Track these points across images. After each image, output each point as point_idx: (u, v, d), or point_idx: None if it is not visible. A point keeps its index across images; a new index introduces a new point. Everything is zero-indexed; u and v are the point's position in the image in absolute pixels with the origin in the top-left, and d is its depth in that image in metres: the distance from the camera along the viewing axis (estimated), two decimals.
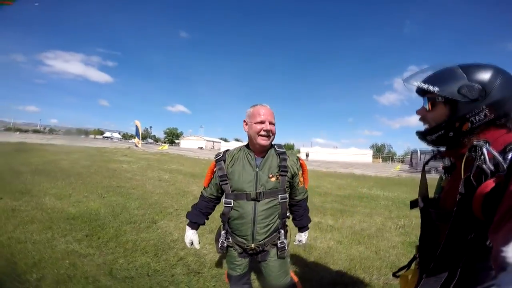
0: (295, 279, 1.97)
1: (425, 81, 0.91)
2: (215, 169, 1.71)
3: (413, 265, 1.24)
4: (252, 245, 1.64)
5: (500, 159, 0.69)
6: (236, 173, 1.62)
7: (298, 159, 1.76)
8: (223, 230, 1.73)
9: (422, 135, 0.98)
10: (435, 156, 1.07)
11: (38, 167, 9.24)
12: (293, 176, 1.69)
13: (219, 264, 2.89)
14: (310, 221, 1.93)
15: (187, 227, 1.82)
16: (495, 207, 0.61)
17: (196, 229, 1.82)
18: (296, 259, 3.11)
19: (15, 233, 3.20)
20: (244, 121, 1.66)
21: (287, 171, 1.63)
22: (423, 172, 1.14)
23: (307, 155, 39.43)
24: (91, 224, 3.83)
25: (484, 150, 0.73)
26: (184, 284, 2.46)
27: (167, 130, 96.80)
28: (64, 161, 11.78)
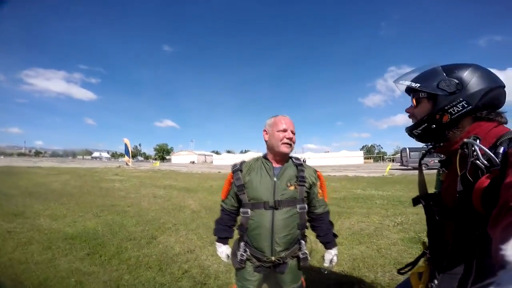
0: (303, 281, 1.95)
1: (410, 81, 0.98)
2: (232, 180, 1.67)
3: (421, 261, 1.24)
4: (272, 258, 1.57)
5: (492, 154, 0.71)
6: (253, 182, 1.59)
7: (315, 171, 1.74)
8: (242, 241, 1.65)
9: (409, 130, 1.02)
10: (428, 152, 1.10)
11: (28, 190, 8.97)
12: (311, 187, 1.66)
13: (223, 274, 2.87)
14: (337, 236, 1.83)
15: (218, 244, 1.76)
16: (495, 201, 0.61)
17: (227, 243, 1.77)
18: (320, 268, 3.10)
19: (15, 254, 3.10)
20: (264, 130, 1.66)
21: (305, 181, 1.61)
22: (420, 169, 1.17)
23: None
24: (91, 242, 3.74)
25: (476, 146, 0.75)
26: None
27: (157, 147, 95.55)
28: (55, 183, 11.48)
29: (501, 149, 0.70)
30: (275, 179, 1.58)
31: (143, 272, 2.84)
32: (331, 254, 1.74)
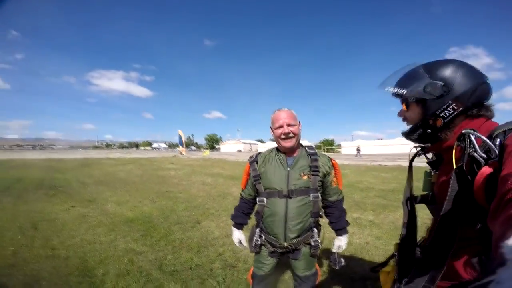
0: (318, 268, 2.03)
1: (396, 85, 0.95)
2: (249, 171, 1.77)
3: (391, 262, 1.25)
4: (285, 244, 1.67)
5: (491, 144, 0.69)
6: (268, 172, 1.67)
7: (330, 159, 1.76)
8: (258, 228, 1.78)
9: (406, 135, 1.00)
10: (419, 153, 1.09)
11: (100, 178, 10.31)
12: (325, 176, 1.69)
13: (252, 259, 3.05)
14: (348, 224, 1.86)
15: (233, 229, 1.90)
16: (494, 194, 0.60)
17: (242, 229, 1.91)
18: (330, 254, 3.13)
19: (86, 235, 3.71)
20: (270, 127, 1.73)
21: (318, 171, 1.64)
22: (410, 171, 1.16)
23: (358, 150, 34.61)
24: (145, 225, 4.26)
25: (473, 138, 0.73)
26: (221, 277, 2.67)
27: (207, 137, 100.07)
28: (121, 172, 12.95)
29: (497, 141, 0.69)
30: (288, 169, 1.64)
31: (183, 253, 3.19)
32: (340, 241, 1.81)
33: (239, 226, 1.90)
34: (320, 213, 1.78)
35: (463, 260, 0.81)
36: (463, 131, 0.76)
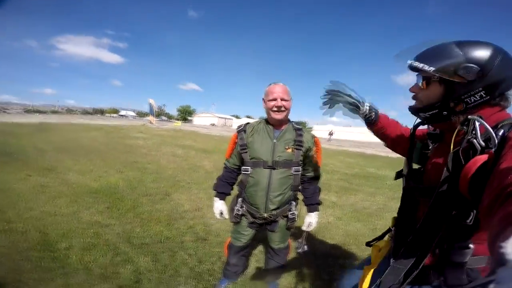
0: (290, 243, 2.12)
1: (419, 59, 0.85)
2: (236, 140, 1.79)
3: (386, 237, 1.28)
4: (265, 215, 1.74)
5: (493, 133, 0.66)
6: (255, 142, 1.71)
7: (313, 136, 1.83)
8: (240, 197, 1.82)
9: (415, 111, 0.95)
10: (422, 123, 1.03)
11: (60, 145, 9.55)
12: (307, 151, 1.76)
13: (224, 232, 3.09)
14: (321, 203, 1.94)
15: (215, 199, 1.90)
16: (483, 185, 0.59)
17: (224, 199, 1.91)
18: (293, 232, 3.24)
19: (46, 207, 3.45)
20: (263, 99, 1.75)
21: (302, 146, 1.71)
22: (413, 138, 1.09)
23: (330, 134, 35.34)
24: (111, 197, 4.07)
25: (477, 124, 0.71)
26: (192, 250, 2.67)
27: (180, 108, 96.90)
28: (84, 139, 12.13)
29: (501, 132, 0.68)
30: (274, 140, 1.71)
31: (153, 226, 3.12)
32: (311, 217, 1.89)
33: (222, 195, 1.90)
34: (299, 187, 1.86)
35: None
36: (469, 117, 0.73)
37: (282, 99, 1.65)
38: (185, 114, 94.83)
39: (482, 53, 0.75)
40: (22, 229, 2.75)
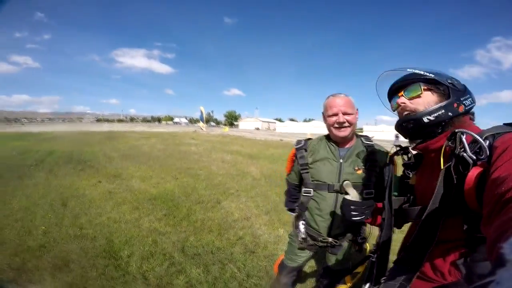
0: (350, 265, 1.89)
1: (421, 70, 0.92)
2: (295, 158, 1.61)
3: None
4: (329, 239, 1.52)
5: (483, 143, 0.67)
6: (317, 163, 1.50)
7: (388, 153, 1.51)
8: (301, 220, 1.61)
9: (416, 118, 0.88)
10: (398, 152, 1.07)
11: (125, 152, 10.55)
12: (381, 171, 1.46)
13: (271, 244, 3.00)
14: None
15: (291, 214, 1.79)
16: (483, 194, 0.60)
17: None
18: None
19: (112, 213, 3.74)
20: (322, 113, 1.53)
21: (375, 166, 1.44)
22: (391, 169, 1.08)
23: (397, 136, 32.73)
24: (168, 204, 4.27)
25: (463, 138, 0.72)
26: (241, 263, 2.61)
27: (227, 113, 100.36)
28: (145, 146, 13.23)
29: (487, 143, 0.68)
30: (341, 161, 1.47)
31: (205, 235, 3.15)
32: None
33: (293, 211, 1.75)
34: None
35: (448, 261, 0.80)
36: (456, 130, 0.76)
37: (344, 113, 1.40)
38: (231, 119, 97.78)
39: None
40: (92, 235, 3.00)
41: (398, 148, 1.08)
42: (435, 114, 0.86)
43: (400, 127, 0.94)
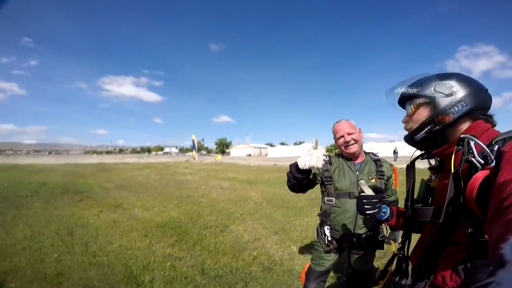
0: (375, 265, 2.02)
1: (405, 88, 0.96)
2: (322, 167, 1.77)
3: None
4: (354, 239, 1.71)
5: (488, 150, 0.68)
6: (339, 175, 1.74)
7: (391, 165, 1.87)
8: (325, 226, 1.77)
9: (410, 137, 0.97)
10: (422, 156, 1.07)
11: (120, 183, 10.36)
12: (388, 179, 1.79)
13: (287, 261, 3.05)
14: None
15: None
16: (487, 199, 0.60)
17: None
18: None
19: (122, 241, 3.67)
20: (334, 138, 1.82)
21: (384, 175, 1.75)
22: (413, 173, 1.09)
23: (395, 152, 32.54)
24: (177, 230, 4.21)
25: (472, 143, 0.73)
26: (262, 279, 2.63)
27: (218, 141, 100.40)
28: (139, 177, 13.01)
29: (496, 147, 0.69)
30: (357, 173, 1.73)
31: (221, 258, 3.13)
32: (394, 235, 1.93)
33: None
34: None
35: (451, 266, 0.79)
36: (462, 136, 0.77)
37: (348, 134, 1.71)
38: (223, 147, 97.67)
39: (451, 76, 0.89)
40: (107, 263, 2.93)
41: (422, 153, 1.07)
42: (424, 130, 0.92)
43: (408, 143, 1.02)
